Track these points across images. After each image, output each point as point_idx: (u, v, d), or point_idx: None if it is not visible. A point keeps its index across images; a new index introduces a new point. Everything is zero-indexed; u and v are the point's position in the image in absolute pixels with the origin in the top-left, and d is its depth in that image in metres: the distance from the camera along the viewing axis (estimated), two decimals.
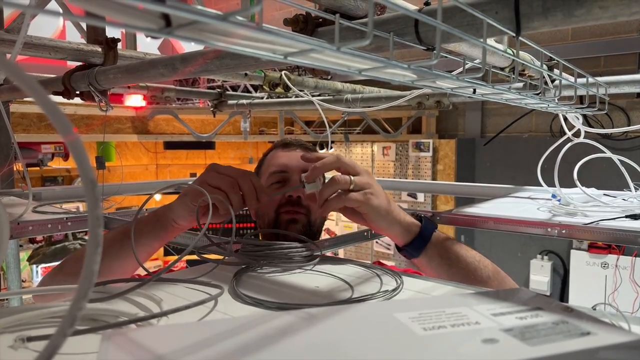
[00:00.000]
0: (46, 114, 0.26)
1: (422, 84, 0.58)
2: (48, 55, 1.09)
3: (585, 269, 3.36)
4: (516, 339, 0.35)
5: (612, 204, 1.11)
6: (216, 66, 0.81)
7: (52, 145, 3.63)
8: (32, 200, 1.11)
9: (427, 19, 0.41)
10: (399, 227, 0.82)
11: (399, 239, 0.84)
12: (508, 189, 1.49)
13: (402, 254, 0.87)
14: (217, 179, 0.76)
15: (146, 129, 4.47)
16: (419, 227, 0.85)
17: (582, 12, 0.43)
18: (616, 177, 1.18)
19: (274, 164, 1.06)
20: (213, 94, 2.31)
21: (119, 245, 0.81)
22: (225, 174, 0.77)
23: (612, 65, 3.43)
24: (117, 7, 0.25)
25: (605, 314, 0.47)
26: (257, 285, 0.64)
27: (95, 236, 0.27)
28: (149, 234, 0.82)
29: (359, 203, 0.76)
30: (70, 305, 0.27)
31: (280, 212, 0.98)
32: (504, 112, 3.96)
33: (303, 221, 0.99)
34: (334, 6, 0.60)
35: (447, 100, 1.52)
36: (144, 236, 0.81)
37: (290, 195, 0.98)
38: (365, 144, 4.82)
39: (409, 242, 0.83)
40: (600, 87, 1.00)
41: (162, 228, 0.82)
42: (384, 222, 0.80)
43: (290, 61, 0.38)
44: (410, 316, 0.39)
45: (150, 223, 0.83)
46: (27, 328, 0.47)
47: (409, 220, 0.85)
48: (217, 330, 0.38)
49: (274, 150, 1.11)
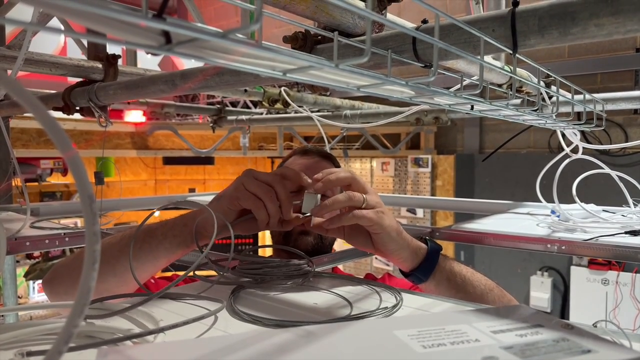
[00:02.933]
0: (45, 129, 0.26)
1: (420, 100, 0.58)
2: (49, 71, 1.10)
3: (586, 286, 3.34)
4: (516, 356, 0.34)
5: (612, 220, 1.10)
6: (216, 82, 0.82)
7: (51, 160, 3.63)
8: (29, 215, 1.10)
9: (424, 36, 0.41)
10: (407, 250, 0.77)
11: (407, 263, 0.78)
12: (507, 205, 1.49)
13: (409, 279, 0.81)
14: (254, 185, 0.71)
15: (145, 144, 4.48)
16: (426, 250, 0.80)
17: (577, 30, 0.44)
18: (615, 193, 1.19)
19: None
20: (212, 109, 2.32)
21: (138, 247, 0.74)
22: (262, 180, 0.71)
23: (609, 82, 3.45)
24: (118, 25, 0.26)
25: (606, 331, 0.46)
26: (255, 302, 0.64)
27: (92, 252, 0.26)
28: (174, 239, 0.75)
29: (372, 222, 0.71)
30: (65, 323, 0.27)
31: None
32: (502, 129, 3.97)
33: (315, 233, 0.97)
34: (333, 24, 0.60)
35: (446, 117, 1.53)
36: (169, 241, 0.75)
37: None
38: (364, 160, 4.83)
39: (417, 267, 0.78)
40: (597, 103, 1.01)
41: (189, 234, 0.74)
42: (394, 244, 0.74)
43: (289, 78, 0.38)
44: (410, 334, 0.39)
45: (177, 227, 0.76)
46: (25, 344, 0.47)
47: (416, 243, 0.80)
48: (214, 347, 0.37)
49: (292, 157, 1.09)
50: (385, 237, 0.73)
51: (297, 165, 1.05)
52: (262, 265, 0.72)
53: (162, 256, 0.76)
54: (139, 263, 0.75)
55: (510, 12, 0.48)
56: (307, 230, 0.94)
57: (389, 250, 0.75)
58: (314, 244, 0.98)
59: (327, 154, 1.10)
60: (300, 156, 1.08)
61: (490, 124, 4.05)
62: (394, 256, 0.76)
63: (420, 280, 0.79)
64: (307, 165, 1.04)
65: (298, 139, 3.36)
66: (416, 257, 0.78)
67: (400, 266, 0.80)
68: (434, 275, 0.79)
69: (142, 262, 0.75)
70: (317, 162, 1.05)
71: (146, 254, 0.75)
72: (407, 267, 0.79)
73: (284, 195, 0.71)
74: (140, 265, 0.75)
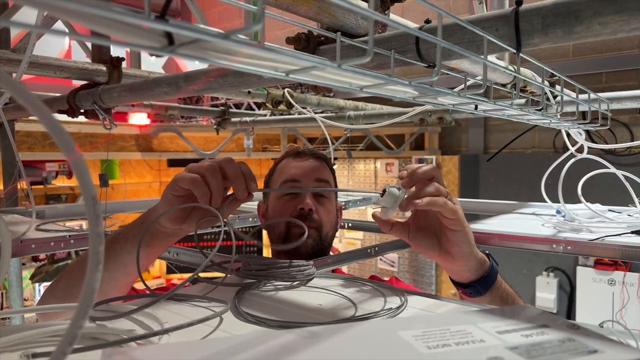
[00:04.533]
0: (49, 131, 0.26)
1: (423, 100, 0.58)
2: (53, 75, 1.11)
3: (592, 286, 3.32)
4: (522, 357, 0.34)
5: (618, 219, 1.10)
6: (219, 84, 0.82)
7: (57, 163, 3.65)
8: (35, 218, 1.11)
9: (427, 36, 0.41)
10: (475, 259, 0.74)
11: (469, 273, 0.75)
12: (512, 205, 1.49)
13: (465, 290, 0.77)
14: (196, 167, 0.67)
15: (150, 146, 4.50)
16: (489, 264, 0.77)
17: (581, 28, 0.44)
18: (620, 192, 1.18)
19: (286, 172, 1.03)
20: (216, 111, 2.32)
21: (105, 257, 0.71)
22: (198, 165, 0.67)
23: (614, 82, 3.44)
24: (120, 26, 0.26)
25: (612, 331, 0.46)
26: (260, 303, 0.63)
27: (96, 254, 0.26)
28: (134, 239, 0.70)
29: (456, 216, 0.68)
30: (69, 324, 0.27)
31: (292, 226, 0.96)
32: (507, 129, 3.96)
33: (314, 235, 0.97)
34: (336, 25, 0.60)
35: (450, 117, 1.53)
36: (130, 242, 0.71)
37: (302, 208, 0.96)
38: (368, 161, 4.83)
39: (478, 279, 0.75)
40: (602, 102, 1.00)
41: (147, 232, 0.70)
42: (467, 247, 0.71)
43: (292, 79, 0.38)
44: (414, 334, 0.39)
45: (136, 227, 0.73)
46: (30, 346, 0.47)
47: (481, 254, 0.77)
48: (219, 348, 0.37)
49: (285, 159, 1.08)
50: (462, 238, 0.70)
51: (291, 167, 1.04)
52: (266, 266, 0.72)
53: (128, 261, 0.71)
54: (110, 273, 0.70)
55: (514, 12, 0.48)
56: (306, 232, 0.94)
57: (460, 254, 0.71)
58: (313, 247, 0.97)
59: (321, 154, 1.09)
60: (293, 158, 1.06)
61: (495, 124, 4.04)
62: (462, 261, 0.73)
63: (479, 293, 0.76)
64: (301, 166, 1.03)
65: (302, 140, 3.36)
66: (480, 268, 0.76)
67: (460, 275, 0.76)
68: (491, 290, 0.76)
69: (112, 270, 0.71)
70: (310, 163, 1.04)
71: (113, 262, 0.71)
72: (468, 277, 0.76)
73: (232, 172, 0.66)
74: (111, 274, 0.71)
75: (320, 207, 1.00)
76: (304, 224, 0.76)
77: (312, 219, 0.97)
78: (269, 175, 1.10)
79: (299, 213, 0.96)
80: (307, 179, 1.01)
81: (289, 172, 1.03)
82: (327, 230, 1.00)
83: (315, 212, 0.98)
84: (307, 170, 1.01)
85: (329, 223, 1.02)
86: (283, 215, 0.97)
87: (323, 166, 1.06)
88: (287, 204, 1.00)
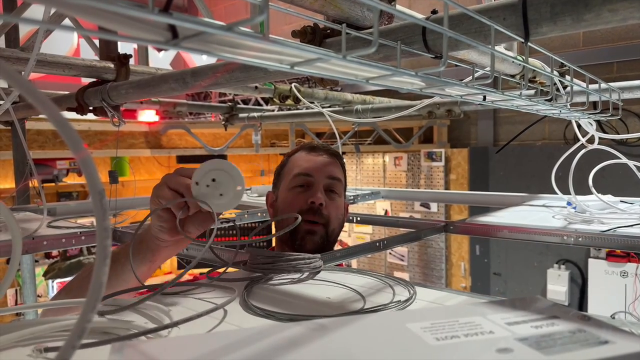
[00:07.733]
0: (57, 128, 0.26)
1: (431, 92, 0.58)
2: (62, 72, 1.12)
3: (604, 278, 3.29)
4: (532, 348, 0.34)
5: (630, 210, 1.09)
6: (226, 79, 0.82)
7: (67, 161, 3.68)
8: (46, 215, 1.12)
9: (434, 26, 0.41)
10: None
11: None
12: (522, 197, 1.48)
13: None
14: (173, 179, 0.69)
15: (159, 143, 4.52)
16: None
17: (591, 15, 0.43)
18: (633, 183, 1.16)
19: (300, 165, 1.04)
20: (224, 107, 2.33)
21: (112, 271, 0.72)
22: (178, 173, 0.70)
23: (625, 71, 3.39)
24: (125, 21, 0.26)
25: (624, 322, 0.46)
26: (268, 296, 0.64)
27: (104, 248, 0.27)
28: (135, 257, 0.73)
29: None
30: (78, 318, 0.27)
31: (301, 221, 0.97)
32: (516, 120, 3.93)
33: (321, 232, 0.98)
34: (342, 17, 0.60)
35: (458, 109, 1.51)
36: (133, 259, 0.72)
37: (313, 202, 0.97)
38: (376, 155, 4.81)
39: None
40: (613, 92, 0.99)
41: (148, 249, 0.74)
42: None
43: (297, 71, 0.38)
44: (423, 326, 0.39)
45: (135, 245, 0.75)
46: (43, 340, 0.47)
47: None
48: (228, 341, 0.37)
49: (299, 152, 1.09)
50: None
51: (304, 160, 1.05)
52: (272, 259, 0.72)
53: (129, 278, 0.72)
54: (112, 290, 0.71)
55: (522, 0, 0.47)
56: (314, 229, 0.94)
57: None
58: (319, 243, 0.98)
59: (335, 151, 1.09)
60: (307, 152, 1.07)
61: (504, 116, 4.00)
62: None
63: None
64: (314, 161, 1.04)
65: (310, 135, 3.36)
66: None
67: None
68: None
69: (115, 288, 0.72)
70: (324, 159, 1.05)
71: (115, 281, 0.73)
72: None
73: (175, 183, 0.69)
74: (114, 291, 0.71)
75: (330, 203, 1.01)
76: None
77: (321, 214, 0.97)
78: (281, 166, 1.11)
79: (310, 207, 0.97)
80: (320, 174, 1.01)
81: (302, 166, 1.03)
82: (334, 227, 1.01)
83: (325, 207, 0.98)
84: (320, 166, 1.02)
85: (336, 219, 1.02)
86: (293, 207, 0.98)
87: (336, 163, 1.06)
88: (298, 197, 1.00)
